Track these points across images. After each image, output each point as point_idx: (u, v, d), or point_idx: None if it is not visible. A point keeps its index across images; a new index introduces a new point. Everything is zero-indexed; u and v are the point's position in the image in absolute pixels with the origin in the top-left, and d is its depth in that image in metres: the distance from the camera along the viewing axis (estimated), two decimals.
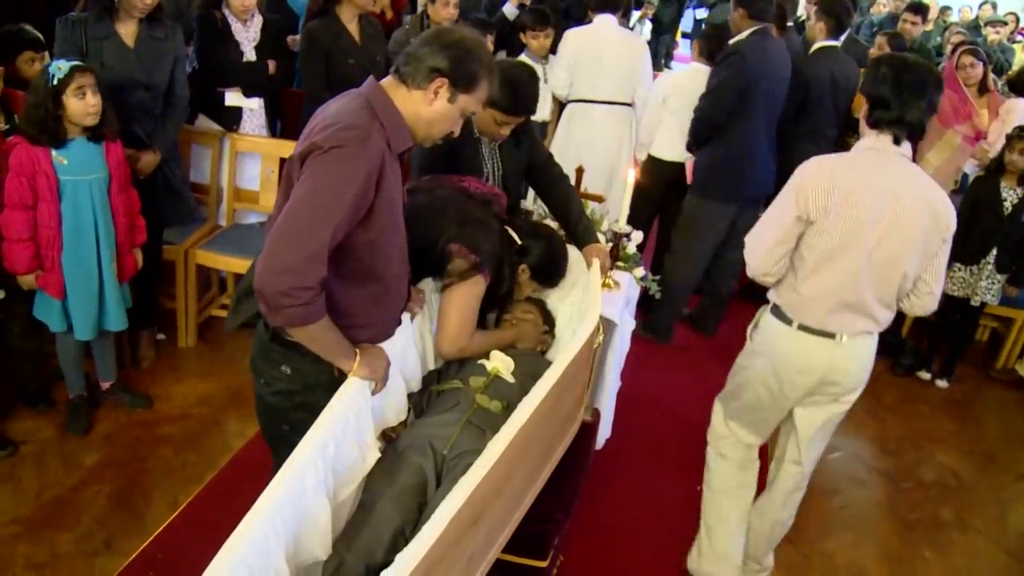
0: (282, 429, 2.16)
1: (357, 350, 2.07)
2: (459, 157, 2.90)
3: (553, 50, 4.74)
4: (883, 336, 4.57)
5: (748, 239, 2.70)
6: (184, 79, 3.66)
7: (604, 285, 3.40)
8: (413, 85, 1.98)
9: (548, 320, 2.98)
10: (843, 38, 5.28)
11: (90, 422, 3.51)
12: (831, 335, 2.62)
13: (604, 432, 3.60)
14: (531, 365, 2.63)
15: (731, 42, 4.25)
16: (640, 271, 3.71)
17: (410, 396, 2.53)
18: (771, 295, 2.75)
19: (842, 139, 5.14)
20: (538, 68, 4.61)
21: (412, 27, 4.68)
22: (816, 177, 2.48)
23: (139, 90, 3.44)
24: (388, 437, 2.44)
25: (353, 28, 4.22)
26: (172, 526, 3.03)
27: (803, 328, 2.64)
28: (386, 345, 2.29)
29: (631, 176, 3.48)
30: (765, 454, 3.13)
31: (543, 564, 2.56)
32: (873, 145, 2.52)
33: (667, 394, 4.21)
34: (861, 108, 2.61)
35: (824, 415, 2.81)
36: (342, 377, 2.08)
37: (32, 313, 3.27)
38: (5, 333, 3.45)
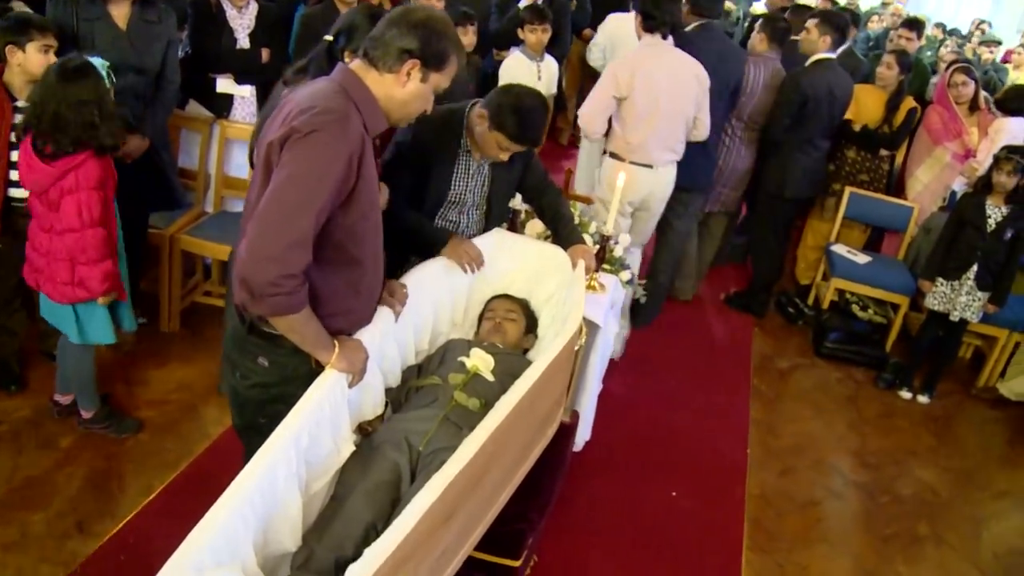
0: (258, 422, 2.14)
1: (336, 342, 2.06)
2: (429, 166, 2.88)
3: (549, 47, 4.74)
4: (866, 349, 4.62)
5: (582, 111, 4.10)
6: (176, 63, 3.63)
7: (589, 287, 3.40)
8: (384, 68, 1.97)
9: (531, 320, 2.97)
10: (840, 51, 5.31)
11: (133, 416, 3.47)
12: (650, 166, 4.10)
13: (584, 434, 3.60)
14: (511, 364, 2.62)
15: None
16: (626, 274, 3.71)
17: (388, 391, 2.52)
18: (608, 147, 4.23)
19: (836, 150, 5.15)
20: (532, 65, 4.66)
21: None
22: (625, 67, 3.96)
23: (130, 73, 3.40)
24: (364, 431, 2.43)
25: (463, 59, 4.18)
26: (145, 511, 3.02)
27: (632, 163, 4.07)
28: (364, 338, 2.28)
29: (621, 179, 3.47)
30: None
31: (516, 563, 2.55)
32: (651, 43, 3.98)
33: (648, 398, 4.21)
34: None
35: (647, 216, 4.34)
36: (320, 369, 2.07)
37: (83, 339, 3.11)
38: None
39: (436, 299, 2.82)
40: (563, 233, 3.05)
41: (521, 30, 4.63)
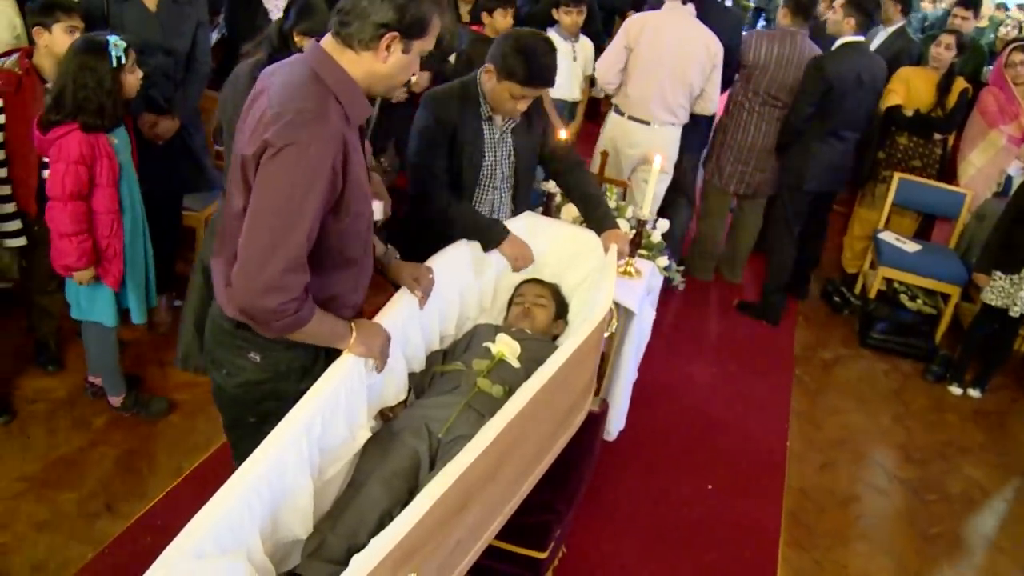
0: (247, 421, 2.05)
1: (352, 325, 2.00)
2: (459, 142, 2.80)
3: (584, 28, 4.64)
4: (914, 341, 4.44)
5: (599, 62, 4.41)
6: (206, 45, 3.62)
7: (625, 273, 3.33)
8: (360, 46, 1.78)
9: (561, 305, 2.91)
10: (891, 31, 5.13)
11: (162, 397, 3.47)
12: (647, 122, 4.31)
13: (617, 424, 3.53)
14: (538, 351, 2.55)
15: None
16: (664, 260, 3.62)
17: (411, 376, 2.47)
18: (614, 100, 4.45)
19: (886, 136, 4.97)
20: (567, 45, 4.58)
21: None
22: (637, 21, 4.26)
23: (159, 54, 3.40)
24: (386, 417, 2.39)
25: (447, 16, 4.15)
26: (174, 493, 3.03)
27: (631, 118, 4.33)
28: (387, 324, 2.24)
29: (658, 161, 3.38)
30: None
31: (543, 555, 2.49)
32: (671, 6, 4.24)
33: (686, 389, 4.12)
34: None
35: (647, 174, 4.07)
36: (317, 363, 2.02)
37: (72, 315, 3.15)
38: (27, 285, 3.46)
39: (463, 283, 2.76)
40: (595, 216, 2.96)
41: (556, 11, 4.54)
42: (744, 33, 4.72)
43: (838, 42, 4.44)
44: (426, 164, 2.78)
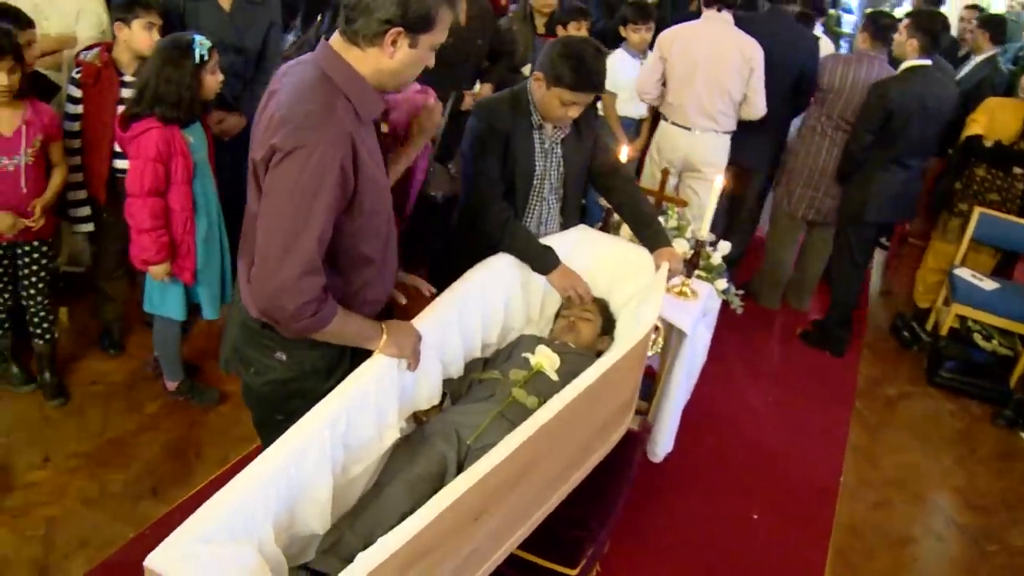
0: (275, 419, 2.04)
1: (383, 326, 2.00)
2: (511, 150, 2.79)
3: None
4: (986, 383, 4.22)
5: (638, 76, 4.49)
6: (277, 45, 3.71)
7: (680, 293, 3.28)
8: (366, 43, 1.76)
9: (608, 321, 2.87)
10: (980, 62, 4.95)
11: (213, 387, 3.55)
12: (688, 128, 4.34)
13: (665, 446, 3.46)
14: (579, 365, 2.50)
15: None
16: (723, 283, 3.55)
17: (449, 382, 2.47)
18: (660, 108, 4.51)
19: (964, 167, 4.78)
20: (635, 62, 4.55)
21: (516, 16, 4.62)
22: (669, 34, 4.28)
23: (230, 53, 3.48)
24: (419, 420, 2.40)
25: (460, 7, 4.19)
26: (218, 482, 3.06)
27: (673, 123, 4.40)
28: (425, 327, 2.24)
29: (719, 181, 3.33)
30: None
31: (573, 572, 2.45)
32: (707, 16, 4.25)
33: (740, 415, 4.02)
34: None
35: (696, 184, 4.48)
36: (343, 361, 2.03)
37: (145, 308, 3.25)
38: (95, 270, 3.59)
39: (508, 293, 2.76)
40: (646, 234, 2.91)
41: (623, 28, 4.51)
42: (821, 57, 4.60)
43: (902, 66, 4.29)
44: (481, 171, 2.78)
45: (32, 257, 3.21)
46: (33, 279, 3.25)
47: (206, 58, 2.91)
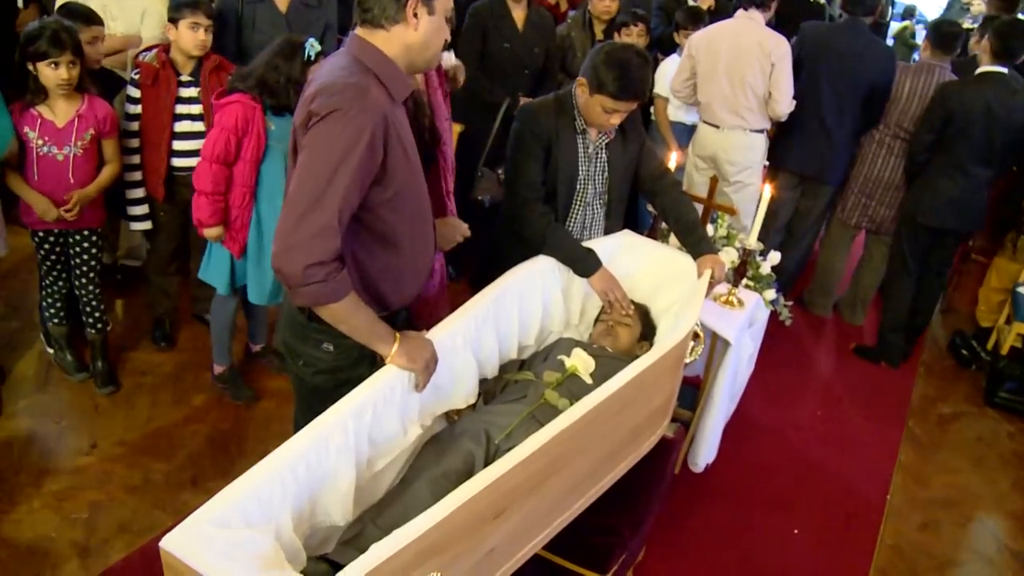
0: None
1: (398, 335, 1.99)
2: (554, 155, 2.79)
3: None
4: None
5: (672, 75, 4.46)
6: (332, 47, 3.74)
7: (726, 302, 3.24)
8: (389, 22, 1.86)
9: (648, 327, 2.84)
10: None
11: (251, 388, 3.60)
12: (717, 126, 4.34)
13: (707, 456, 3.42)
14: (615, 369, 2.47)
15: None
16: (771, 293, 3.49)
17: (483, 382, 2.47)
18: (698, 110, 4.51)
19: (1001, 185, 4.60)
20: None
21: (574, 22, 4.62)
22: (698, 34, 4.29)
23: None
24: (451, 419, 2.40)
25: (518, 14, 4.22)
26: None
27: (704, 122, 4.42)
28: (459, 325, 2.25)
29: (767, 190, 3.28)
30: None
31: None
32: (738, 15, 4.25)
33: (787, 427, 3.94)
34: None
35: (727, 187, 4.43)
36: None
37: (198, 274, 3.35)
38: (149, 265, 3.68)
39: (548, 296, 2.75)
40: (690, 242, 2.86)
41: (676, 34, 4.48)
42: None
43: (978, 70, 4.17)
44: (522, 175, 2.78)
45: (82, 246, 3.31)
46: (84, 268, 3.35)
47: (313, 59, 3.02)
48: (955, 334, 4.98)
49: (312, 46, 3.02)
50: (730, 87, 4.23)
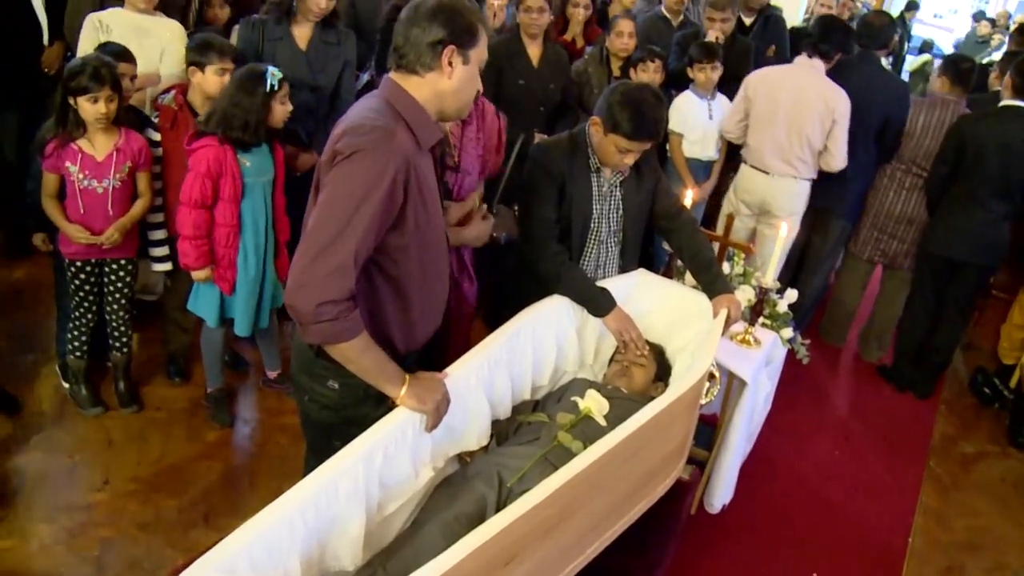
0: (333, 445, 2.01)
1: (407, 376, 1.98)
2: (568, 194, 2.78)
3: (720, 87, 4.55)
4: None
5: (725, 114, 4.48)
6: (351, 84, 3.79)
7: (743, 341, 3.21)
8: (424, 69, 1.89)
9: (663, 367, 2.81)
10: None
11: (232, 414, 3.63)
12: (766, 172, 4.30)
13: (723, 497, 3.37)
14: (629, 411, 2.45)
15: None
16: (788, 332, 3.46)
17: (495, 423, 2.45)
18: (741, 152, 4.48)
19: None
20: (703, 103, 4.50)
21: (592, 58, 4.63)
22: (756, 75, 4.31)
23: (305, 91, 3.58)
24: (463, 461, 2.38)
25: (533, 51, 4.24)
26: None
27: (751, 167, 4.36)
28: (472, 366, 2.23)
29: (784, 229, 3.26)
30: None
31: None
32: (797, 62, 4.25)
33: (805, 467, 3.88)
34: None
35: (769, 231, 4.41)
36: None
37: (187, 306, 3.39)
38: (168, 300, 3.70)
39: (562, 335, 2.73)
40: (706, 280, 2.85)
41: (690, 69, 4.48)
42: None
43: (999, 105, 4.16)
44: (535, 214, 2.78)
45: (118, 275, 3.39)
46: (117, 295, 3.42)
47: (276, 88, 3.04)
48: (977, 371, 4.91)
49: (273, 75, 3.02)
50: (787, 137, 4.21)
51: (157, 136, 3.35)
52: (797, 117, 4.15)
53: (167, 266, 3.55)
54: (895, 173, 4.47)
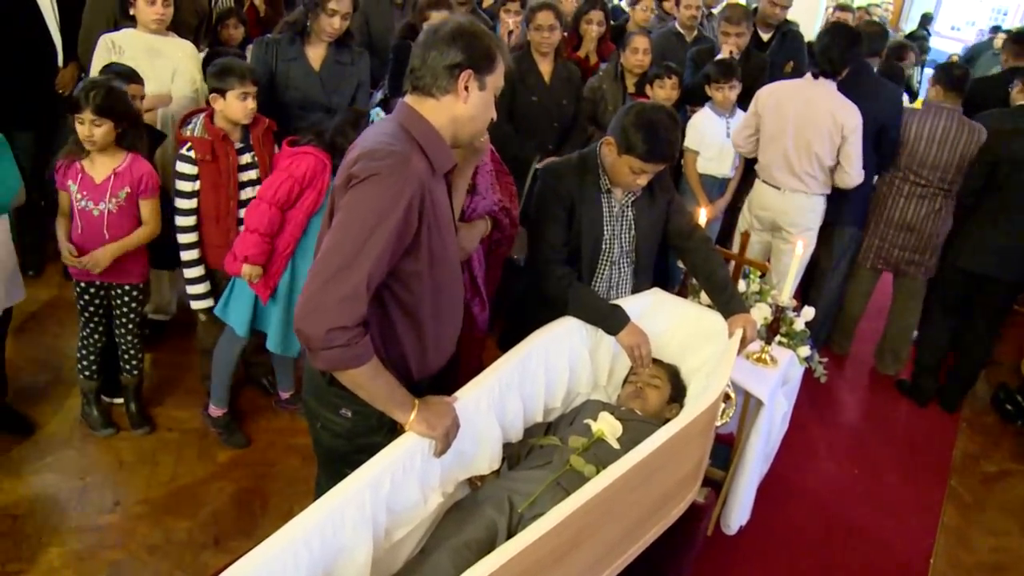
0: (343, 472, 1.97)
1: (416, 402, 1.96)
2: (578, 215, 2.75)
3: (741, 104, 4.52)
4: None
5: (736, 128, 4.42)
6: (365, 104, 3.77)
7: (759, 360, 3.16)
8: (440, 92, 1.89)
9: (677, 389, 2.77)
10: None
11: (246, 435, 3.60)
12: (778, 188, 4.25)
13: (739, 518, 3.31)
14: (643, 433, 2.41)
15: None
16: (806, 350, 3.41)
17: (508, 446, 2.42)
18: (755, 167, 4.43)
19: None
20: (720, 121, 4.46)
21: (606, 75, 4.61)
22: (766, 90, 4.23)
23: (318, 111, 3.58)
24: (474, 485, 2.34)
25: (545, 68, 4.24)
26: None
27: (763, 182, 4.33)
28: (483, 389, 2.20)
29: (800, 247, 3.22)
30: None
31: None
32: (807, 78, 4.16)
33: (823, 487, 3.82)
34: None
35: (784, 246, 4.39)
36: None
37: (215, 311, 3.31)
38: (204, 334, 3.61)
39: (574, 357, 2.70)
40: (721, 300, 2.80)
41: (708, 87, 4.45)
42: None
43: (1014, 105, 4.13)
44: (543, 235, 2.76)
45: (123, 300, 3.36)
46: (124, 319, 3.40)
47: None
48: (999, 388, 4.84)
49: (378, 115, 3.08)
50: (795, 152, 4.15)
51: (192, 169, 3.18)
52: (805, 132, 4.11)
53: (207, 303, 3.37)
54: (894, 181, 4.44)
